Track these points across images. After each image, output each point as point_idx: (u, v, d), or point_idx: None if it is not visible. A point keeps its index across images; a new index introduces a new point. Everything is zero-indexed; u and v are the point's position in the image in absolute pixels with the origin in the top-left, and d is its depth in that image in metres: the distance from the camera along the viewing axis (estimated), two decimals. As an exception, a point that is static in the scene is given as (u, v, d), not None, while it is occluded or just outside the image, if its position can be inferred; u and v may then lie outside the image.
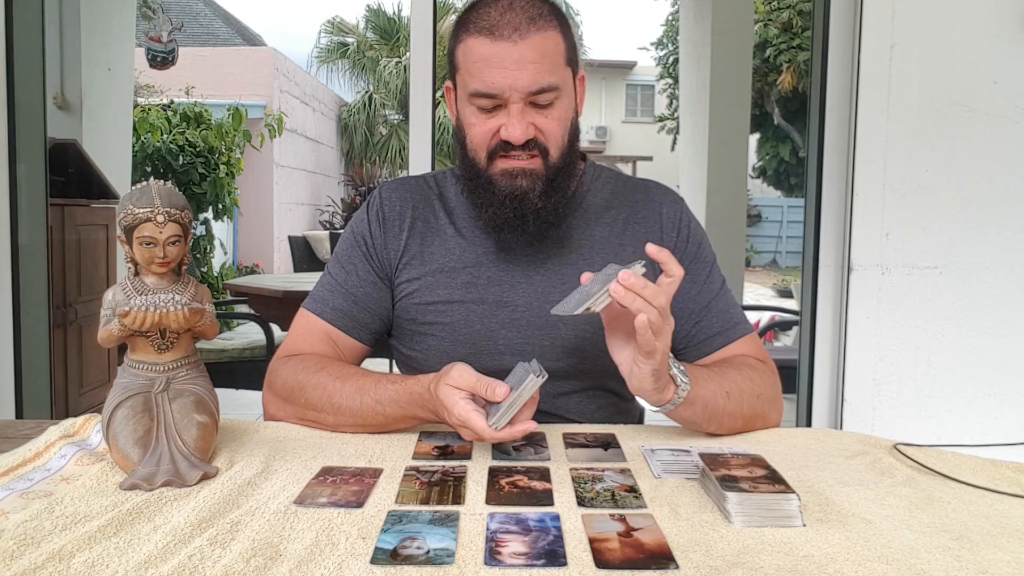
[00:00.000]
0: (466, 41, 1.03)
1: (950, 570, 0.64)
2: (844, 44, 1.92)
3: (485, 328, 1.11)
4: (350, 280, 1.15)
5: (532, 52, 1.00)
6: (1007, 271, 1.85)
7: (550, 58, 1.01)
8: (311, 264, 9.26)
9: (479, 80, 1.01)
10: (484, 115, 1.04)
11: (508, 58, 0.99)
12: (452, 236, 1.15)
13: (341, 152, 15.25)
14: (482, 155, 1.06)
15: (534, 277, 1.12)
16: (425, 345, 1.14)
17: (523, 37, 1.00)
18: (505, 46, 0.99)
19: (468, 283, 1.12)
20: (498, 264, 1.13)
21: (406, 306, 1.15)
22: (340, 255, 1.18)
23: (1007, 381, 1.87)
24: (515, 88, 1.00)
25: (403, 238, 1.16)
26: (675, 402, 0.95)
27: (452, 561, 0.63)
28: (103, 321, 0.85)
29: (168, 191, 0.86)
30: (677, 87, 10.30)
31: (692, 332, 1.14)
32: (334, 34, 17.37)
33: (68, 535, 0.67)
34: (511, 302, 1.11)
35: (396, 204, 1.18)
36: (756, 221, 17.02)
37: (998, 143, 1.83)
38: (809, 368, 2.00)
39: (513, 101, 1.01)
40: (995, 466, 0.90)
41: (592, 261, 1.13)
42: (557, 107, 1.04)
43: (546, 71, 1.01)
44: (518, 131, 1.01)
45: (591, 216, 1.16)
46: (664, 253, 0.90)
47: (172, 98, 7.90)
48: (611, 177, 1.22)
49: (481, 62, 1.01)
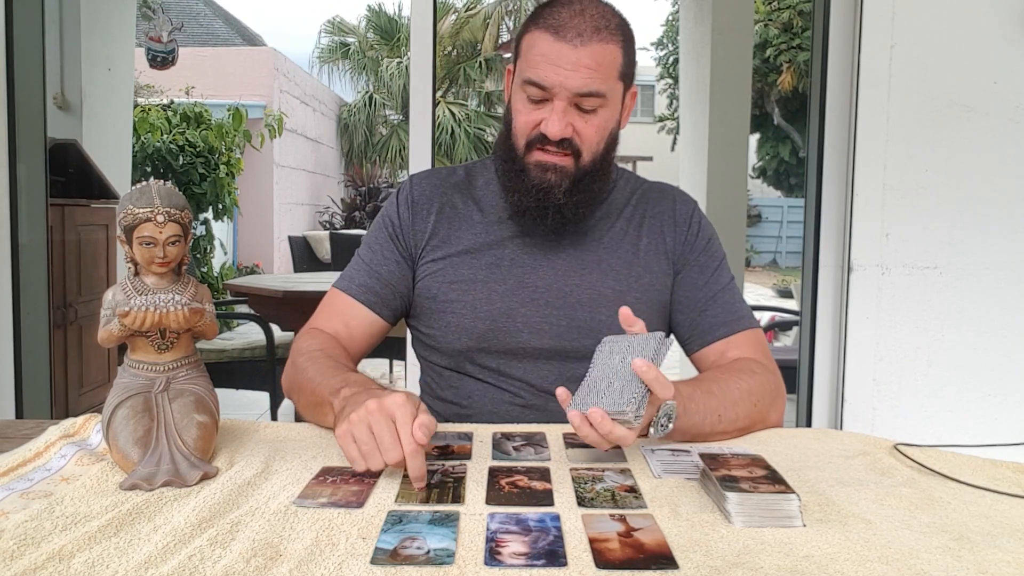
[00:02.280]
0: (533, 32, 1.09)
1: (950, 570, 0.64)
2: (844, 44, 1.93)
3: (505, 306, 1.15)
4: (375, 259, 1.21)
5: (589, 59, 1.05)
6: (1007, 271, 1.85)
7: (604, 69, 1.07)
8: (311, 264, 9.25)
9: (534, 71, 1.07)
10: (531, 106, 1.09)
11: (566, 59, 1.05)
12: (479, 222, 1.21)
13: (341, 152, 15.25)
14: (521, 142, 1.11)
15: (555, 261, 1.17)
16: (444, 322, 1.18)
17: (584, 44, 1.05)
18: (566, 48, 1.05)
19: (491, 264, 1.17)
20: (521, 248, 1.18)
21: (428, 284, 1.19)
22: (369, 238, 1.25)
23: (1007, 381, 1.87)
24: (564, 87, 1.05)
25: (431, 221, 1.21)
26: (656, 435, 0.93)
27: (452, 561, 0.63)
28: (103, 321, 0.85)
29: (168, 191, 0.86)
30: (677, 87, 10.30)
31: (697, 320, 1.18)
32: (335, 34, 17.38)
33: (68, 535, 0.67)
34: (531, 283, 1.16)
35: (427, 189, 1.24)
36: (756, 221, 17.02)
37: (998, 143, 1.83)
38: (809, 368, 2.00)
39: (559, 99, 1.06)
40: (995, 466, 0.90)
41: (612, 250, 1.18)
42: (599, 115, 1.09)
43: (597, 79, 1.06)
44: (556, 128, 1.06)
45: (613, 211, 1.22)
46: (627, 313, 0.93)
47: (172, 98, 7.90)
48: (631, 178, 1.28)
49: (540, 56, 1.07)
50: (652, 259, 1.19)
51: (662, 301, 1.19)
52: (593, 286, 1.16)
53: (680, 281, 1.20)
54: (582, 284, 1.16)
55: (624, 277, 1.17)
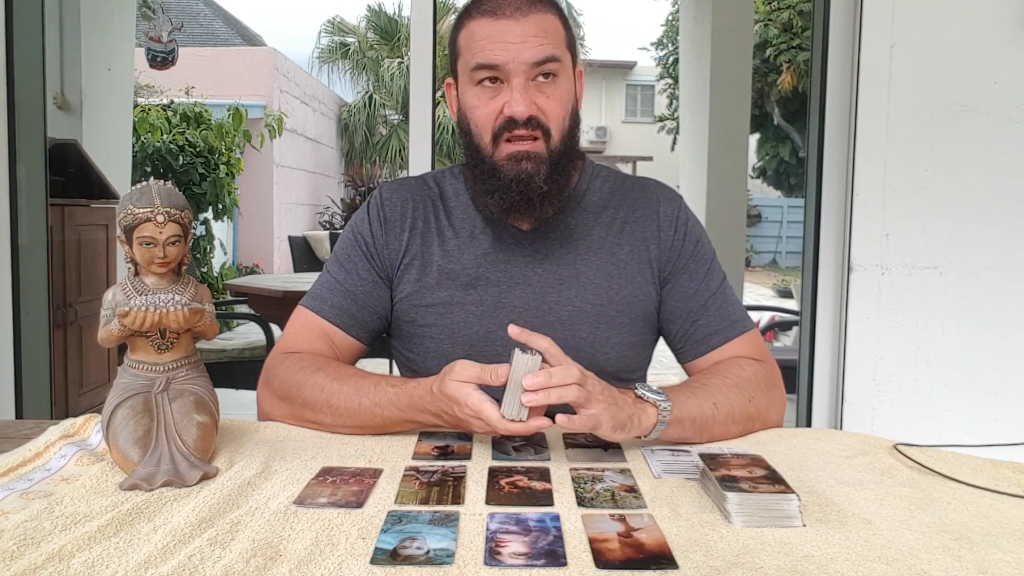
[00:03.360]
0: (468, 25, 1.08)
1: (950, 570, 0.64)
2: (844, 44, 1.92)
3: (483, 329, 1.11)
4: (350, 279, 1.15)
5: (533, 28, 1.04)
6: (1007, 271, 1.85)
7: (551, 35, 1.06)
8: (311, 264, 9.26)
9: (482, 55, 1.04)
10: (487, 95, 1.06)
11: (511, 33, 1.03)
12: (451, 238, 1.16)
13: (341, 152, 15.24)
14: (487, 138, 1.07)
15: (532, 278, 1.13)
16: (423, 347, 1.14)
17: (525, 15, 1.04)
18: (508, 23, 1.04)
19: (466, 285, 1.12)
20: (496, 265, 1.13)
21: (405, 308, 1.15)
22: (340, 254, 1.18)
23: (1007, 381, 1.87)
24: (518, 60, 1.03)
25: (404, 239, 1.16)
26: (659, 428, 0.94)
27: (452, 561, 0.63)
28: (103, 321, 0.85)
29: (168, 191, 0.86)
30: (677, 87, 10.30)
31: (690, 331, 1.14)
32: (335, 34, 17.37)
33: (68, 535, 0.67)
34: (508, 303, 1.12)
35: (397, 205, 1.18)
36: (756, 221, 17.02)
37: (998, 143, 1.83)
38: (809, 368, 2.00)
39: (516, 75, 1.03)
40: (995, 466, 0.90)
41: (590, 261, 1.13)
42: (558, 87, 1.06)
43: (548, 44, 1.05)
44: (521, 106, 1.03)
45: (589, 216, 1.17)
46: (524, 333, 0.89)
47: (172, 98, 7.90)
48: (609, 176, 1.22)
49: (484, 39, 1.05)
50: (634, 269, 1.14)
51: (646, 311, 1.15)
52: (572, 302, 1.11)
53: (670, 291, 1.15)
54: (560, 301, 1.11)
55: (604, 290, 1.12)
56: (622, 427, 0.90)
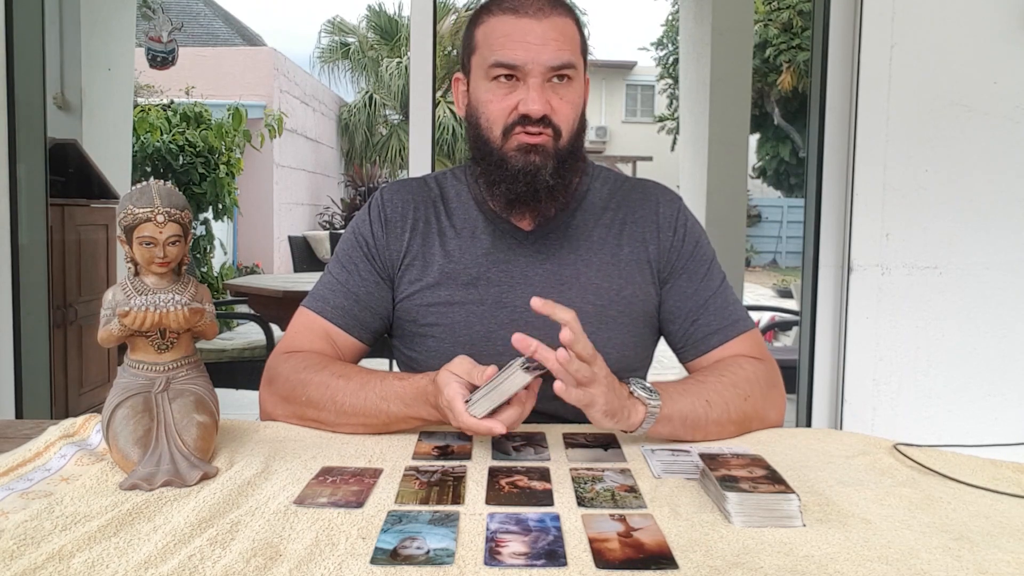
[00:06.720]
0: (488, 21, 1.08)
1: (950, 570, 0.64)
2: (844, 44, 1.93)
3: (484, 329, 1.11)
4: (352, 280, 1.16)
5: (554, 31, 1.05)
6: (1007, 271, 1.85)
7: (570, 40, 1.07)
8: (311, 264, 9.26)
9: (502, 53, 1.05)
10: (502, 91, 1.06)
11: (532, 33, 1.04)
12: (452, 238, 1.16)
13: (341, 152, 15.24)
14: (497, 132, 1.08)
15: (532, 278, 1.13)
16: (425, 347, 1.14)
17: (547, 16, 1.05)
18: (530, 22, 1.05)
19: (467, 284, 1.13)
20: (497, 265, 1.14)
21: (407, 307, 1.15)
22: (341, 255, 1.19)
23: (1007, 381, 1.87)
24: (537, 62, 1.04)
25: (405, 239, 1.16)
26: (646, 425, 0.94)
27: (452, 561, 0.63)
28: (103, 321, 0.85)
29: (168, 191, 0.86)
30: (677, 87, 10.30)
31: (690, 331, 1.15)
32: (335, 34, 17.36)
33: (68, 535, 0.67)
34: (510, 303, 1.12)
35: (399, 205, 1.18)
36: (756, 221, 17.02)
37: (998, 143, 1.83)
38: (809, 368, 2.00)
39: (533, 75, 1.04)
40: (995, 466, 0.90)
41: (590, 262, 1.14)
42: (571, 90, 1.08)
43: (567, 50, 1.06)
44: (537, 104, 1.04)
45: (590, 217, 1.17)
46: (548, 305, 0.88)
47: (172, 98, 7.90)
48: (609, 177, 1.22)
49: (504, 37, 1.05)
50: (634, 269, 1.15)
51: (647, 312, 1.15)
52: (573, 302, 1.08)
53: (669, 291, 1.16)
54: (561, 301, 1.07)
55: (605, 291, 1.13)
56: (613, 415, 0.91)
